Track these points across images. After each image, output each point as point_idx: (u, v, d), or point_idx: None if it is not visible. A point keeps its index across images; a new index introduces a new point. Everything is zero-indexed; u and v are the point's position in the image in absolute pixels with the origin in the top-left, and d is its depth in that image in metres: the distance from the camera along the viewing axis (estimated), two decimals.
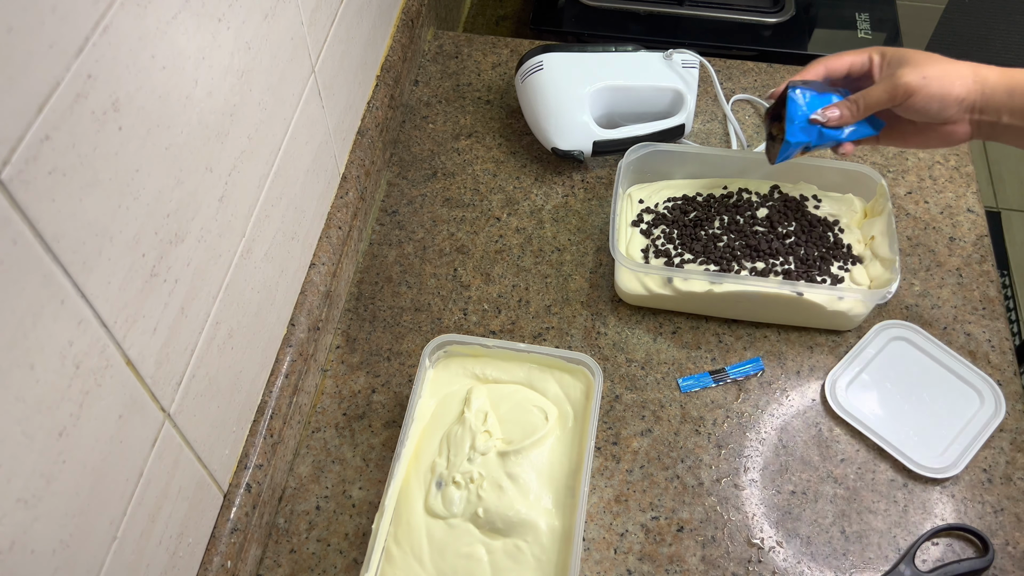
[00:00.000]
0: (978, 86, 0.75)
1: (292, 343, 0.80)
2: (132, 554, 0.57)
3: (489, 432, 0.79)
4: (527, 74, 1.03)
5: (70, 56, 0.43)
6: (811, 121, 0.82)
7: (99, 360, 0.49)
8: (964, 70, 0.76)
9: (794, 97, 0.82)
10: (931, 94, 0.76)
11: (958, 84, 0.75)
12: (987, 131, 0.78)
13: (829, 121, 0.82)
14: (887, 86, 0.78)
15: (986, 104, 0.76)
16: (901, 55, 0.78)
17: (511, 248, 0.99)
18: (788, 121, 0.82)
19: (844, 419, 0.85)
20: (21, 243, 0.41)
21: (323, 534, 0.79)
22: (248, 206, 0.67)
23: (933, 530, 0.79)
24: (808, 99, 0.82)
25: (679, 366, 0.90)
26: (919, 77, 0.76)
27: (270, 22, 0.66)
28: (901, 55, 0.78)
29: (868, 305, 0.88)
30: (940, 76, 0.75)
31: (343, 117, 0.90)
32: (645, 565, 0.78)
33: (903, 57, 0.78)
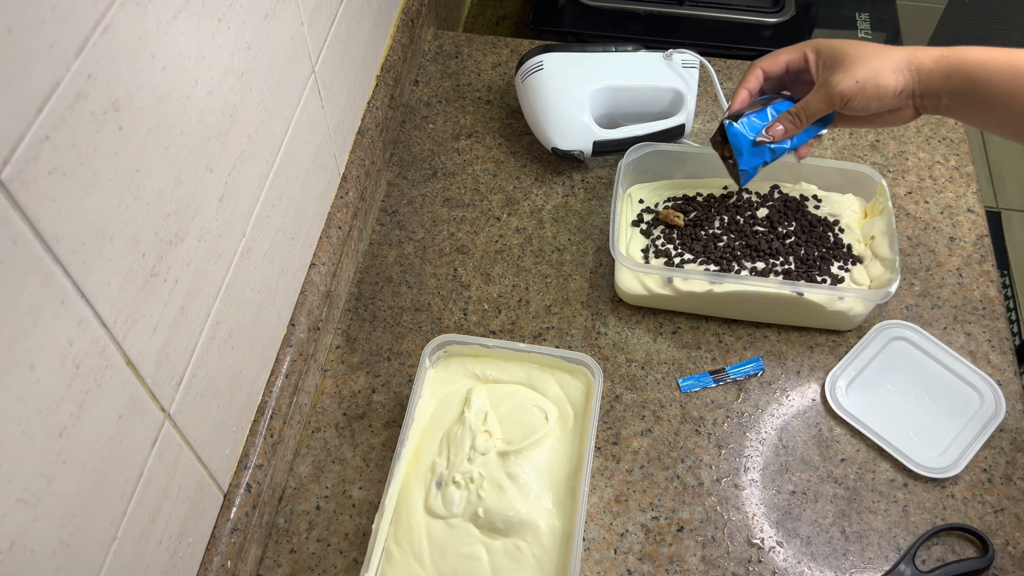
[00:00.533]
0: (913, 75, 0.76)
1: (292, 343, 0.80)
2: (132, 554, 0.57)
3: (489, 432, 0.79)
4: (527, 74, 1.03)
5: (70, 56, 0.43)
6: (757, 143, 0.83)
7: (99, 360, 0.49)
8: (898, 61, 0.76)
9: (733, 131, 0.83)
10: (868, 96, 0.76)
11: (892, 79, 0.76)
12: (932, 110, 0.78)
13: (775, 138, 0.83)
14: (823, 95, 0.79)
15: (924, 90, 0.76)
16: (835, 53, 0.78)
17: (511, 248, 0.99)
18: (736, 153, 0.84)
19: (844, 419, 0.85)
20: (21, 243, 0.41)
21: (323, 534, 0.79)
22: (248, 206, 0.67)
23: (933, 530, 0.79)
24: (748, 124, 0.83)
25: (679, 366, 0.90)
26: (852, 83, 0.76)
27: (270, 22, 0.66)
28: (835, 53, 0.78)
29: (868, 305, 0.88)
30: (873, 76, 0.76)
31: (343, 117, 0.90)
32: (645, 565, 0.78)
33: (836, 57, 0.78)
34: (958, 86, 0.74)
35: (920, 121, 1.10)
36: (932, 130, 1.09)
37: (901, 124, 0.82)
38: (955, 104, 0.76)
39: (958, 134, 1.09)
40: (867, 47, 0.77)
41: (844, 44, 0.79)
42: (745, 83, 0.84)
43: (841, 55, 0.78)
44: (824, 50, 0.80)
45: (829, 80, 0.78)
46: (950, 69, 0.75)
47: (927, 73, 0.75)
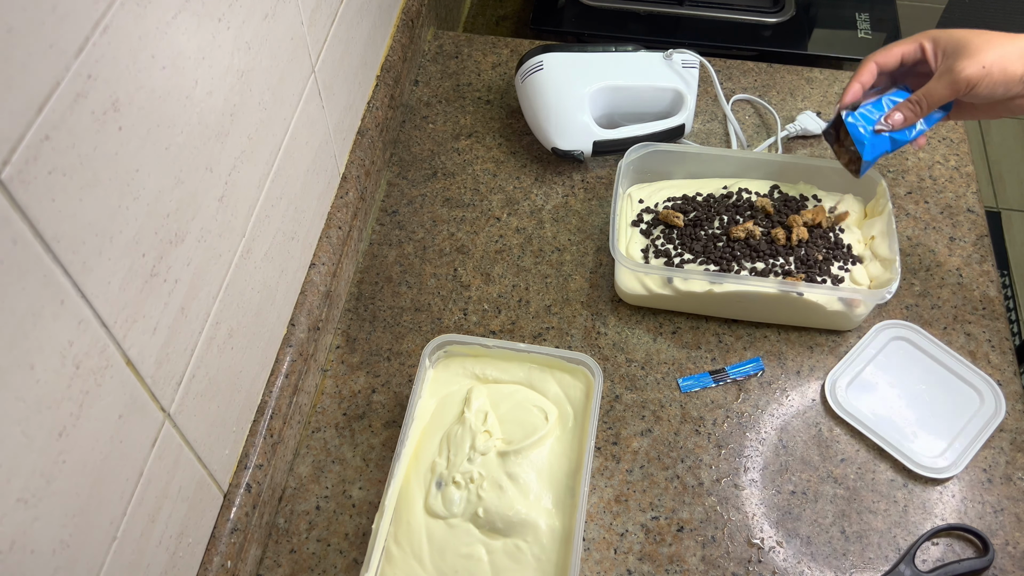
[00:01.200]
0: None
1: (292, 343, 0.80)
2: (132, 554, 0.57)
3: (489, 432, 0.79)
4: (527, 74, 1.03)
5: (70, 56, 0.43)
6: (877, 131, 0.82)
7: (99, 360, 0.49)
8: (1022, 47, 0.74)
9: (850, 122, 0.82)
10: (994, 82, 0.74)
11: (1019, 64, 0.73)
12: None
13: (895, 126, 0.81)
14: (948, 81, 0.76)
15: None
16: (955, 42, 0.76)
17: (511, 248, 0.99)
18: (857, 144, 0.83)
19: (844, 419, 0.85)
20: (21, 243, 0.41)
21: (323, 534, 0.79)
22: (248, 206, 0.67)
23: (933, 530, 0.79)
24: (865, 114, 0.82)
25: (679, 366, 0.90)
26: (978, 68, 0.74)
27: (270, 22, 0.66)
28: (955, 42, 0.76)
29: (868, 305, 0.88)
30: (1000, 60, 0.73)
31: (343, 117, 0.90)
32: (645, 565, 0.78)
33: (958, 44, 0.76)
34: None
35: None
36: (932, 130, 1.09)
37: (1021, 114, 0.80)
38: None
39: (958, 134, 1.09)
40: (990, 33, 0.75)
41: (965, 32, 0.77)
42: (858, 76, 0.82)
43: (963, 42, 0.75)
44: (943, 39, 0.78)
45: (953, 67, 0.75)
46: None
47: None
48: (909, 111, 0.80)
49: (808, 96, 1.13)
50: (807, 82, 1.15)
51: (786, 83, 1.15)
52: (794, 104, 1.12)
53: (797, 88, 1.14)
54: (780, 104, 1.12)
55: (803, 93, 1.14)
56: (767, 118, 1.11)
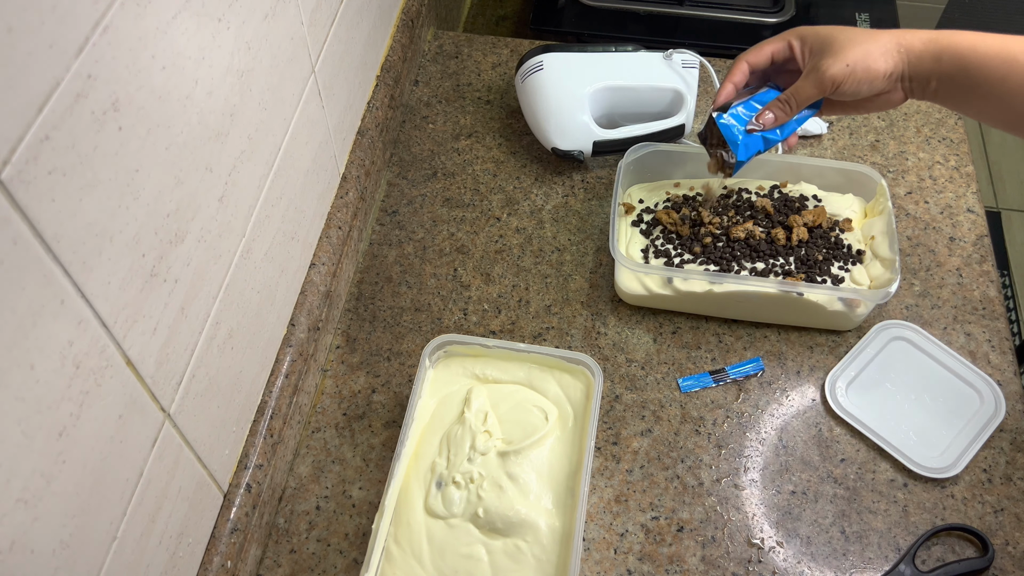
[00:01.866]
0: (903, 57, 0.75)
1: (292, 343, 0.80)
2: (132, 554, 0.57)
3: (489, 432, 0.79)
4: (527, 74, 1.03)
5: (70, 56, 0.43)
6: (749, 131, 0.82)
7: (99, 360, 0.49)
8: (887, 43, 0.75)
9: (722, 122, 0.83)
10: (858, 79, 0.76)
11: (882, 61, 0.75)
12: (920, 95, 0.77)
13: (766, 125, 0.82)
14: (814, 80, 0.78)
15: (914, 73, 0.75)
16: (822, 40, 0.77)
17: (511, 248, 0.99)
18: (732, 144, 0.83)
19: (844, 419, 0.85)
20: (21, 243, 0.41)
21: (323, 534, 0.79)
22: (248, 206, 0.67)
23: (933, 530, 0.79)
24: (737, 115, 0.82)
25: (679, 366, 0.90)
26: (843, 66, 0.75)
27: (270, 22, 0.66)
28: (822, 40, 0.77)
29: (868, 305, 0.88)
30: (863, 59, 0.75)
31: (343, 117, 0.90)
32: (645, 565, 0.78)
33: (824, 43, 0.77)
34: (948, 69, 0.74)
35: (920, 121, 1.10)
36: (932, 130, 1.09)
37: (889, 108, 0.81)
38: (944, 88, 0.75)
39: (958, 134, 1.09)
40: (854, 31, 0.77)
41: (830, 29, 0.78)
42: (730, 77, 0.83)
43: (829, 40, 0.77)
44: (810, 37, 0.79)
45: (819, 65, 0.77)
46: (940, 52, 0.74)
47: (917, 55, 0.75)
48: (779, 110, 0.81)
49: None
50: None
51: None
52: None
53: None
54: None
55: None
56: None
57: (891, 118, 1.11)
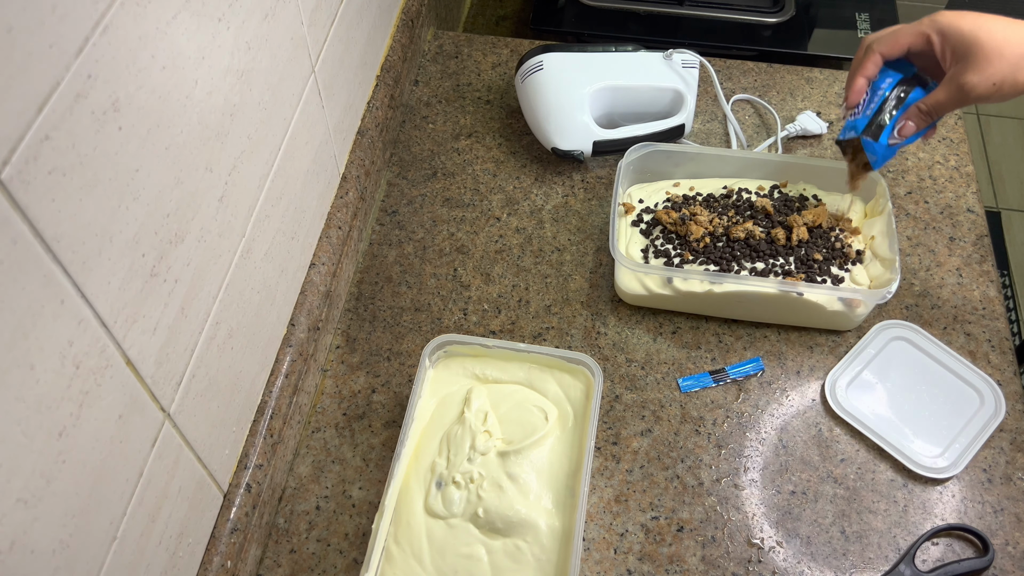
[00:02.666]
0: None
1: (292, 343, 0.80)
2: (132, 554, 0.57)
3: (489, 432, 0.79)
4: (527, 74, 1.03)
5: (70, 56, 0.43)
6: (891, 145, 0.82)
7: (99, 360, 0.49)
8: None
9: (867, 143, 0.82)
10: (1004, 95, 0.72)
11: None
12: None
13: (905, 136, 0.80)
14: (958, 97, 0.74)
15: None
16: (965, 44, 0.72)
17: (511, 248, 0.99)
18: (873, 161, 0.83)
19: (844, 419, 0.85)
20: (21, 243, 0.41)
21: (323, 534, 0.79)
22: (248, 206, 0.67)
23: (933, 530, 0.79)
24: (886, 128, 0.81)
25: (679, 366, 0.90)
26: (989, 86, 0.71)
27: (270, 22, 0.66)
28: (965, 44, 0.72)
29: (868, 305, 0.88)
30: (1012, 74, 0.70)
31: (343, 117, 0.90)
32: (645, 565, 0.78)
33: (967, 47, 0.72)
34: None
35: None
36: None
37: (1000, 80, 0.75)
38: None
39: (958, 134, 1.09)
40: (999, 33, 0.71)
41: (975, 30, 0.72)
42: (862, 70, 0.79)
43: (973, 44, 0.71)
44: (952, 36, 0.73)
45: (964, 82, 0.73)
46: None
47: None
48: (920, 120, 0.79)
49: (808, 96, 1.13)
50: (807, 82, 1.15)
51: (786, 83, 1.15)
52: (794, 104, 1.12)
53: (797, 88, 1.14)
54: (780, 104, 1.12)
55: (803, 93, 1.14)
56: (767, 118, 1.11)
57: None
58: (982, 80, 0.72)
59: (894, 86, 0.81)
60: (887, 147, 0.82)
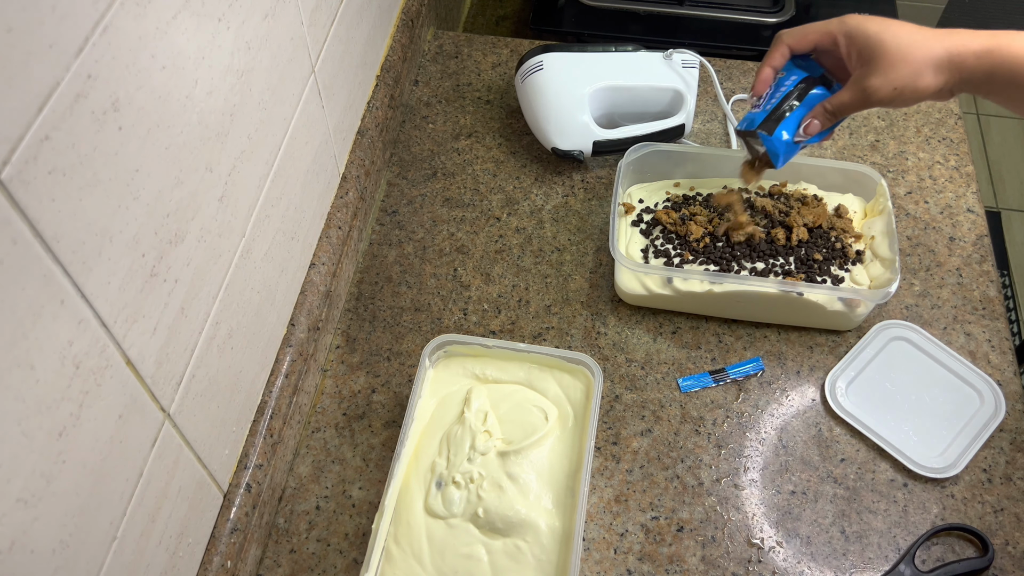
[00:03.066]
0: (954, 73, 0.72)
1: (292, 343, 0.80)
2: (132, 554, 0.57)
3: (489, 432, 0.79)
4: (527, 74, 1.03)
5: (70, 56, 0.43)
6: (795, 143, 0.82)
7: (99, 360, 0.49)
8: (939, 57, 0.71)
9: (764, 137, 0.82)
10: (904, 100, 0.74)
11: (931, 79, 0.72)
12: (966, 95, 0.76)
13: (810, 135, 0.81)
14: (860, 99, 0.75)
15: (963, 86, 0.72)
16: (870, 48, 0.73)
17: (511, 248, 0.99)
18: (773, 157, 0.83)
19: (844, 419, 0.85)
20: (21, 243, 0.41)
21: (323, 534, 0.79)
22: (248, 206, 0.67)
23: (933, 530, 0.79)
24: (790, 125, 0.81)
25: (679, 366, 0.90)
26: (890, 90, 0.73)
27: (270, 22, 0.66)
28: (870, 48, 0.73)
29: (868, 305, 0.88)
30: (912, 80, 0.72)
31: (343, 117, 0.90)
32: (645, 565, 0.78)
33: (873, 51, 0.73)
34: (1001, 84, 0.71)
35: (920, 121, 1.10)
36: (932, 130, 1.09)
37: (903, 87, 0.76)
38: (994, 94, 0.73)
39: (958, 134, 1.09)
40: (904, 38, 0.72)
41: (880, 34, 0.73)
42: (770, 60, 0.81)
43: (878, 49, 0.73)
44: (858, 39, 0.75)
45: (867, 85, 0.74)
46: (994, 68, 0.70)
47: (969, 70, 0.71)
48: (825, 119, 0.80)
49: None
50: None
51: None
52: None
53: None
54: None
55: None
56: None
57: (891, 118, 1.11)
58: (884, 84, 0.73)
59: (798, 83, 0.82)
60: (789, 144, 0.82)
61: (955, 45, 0.72)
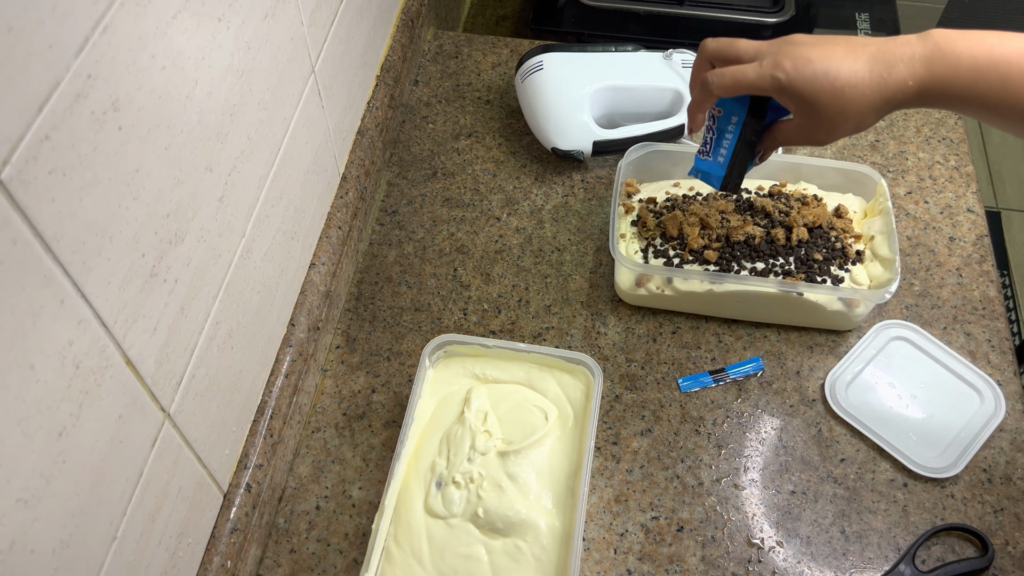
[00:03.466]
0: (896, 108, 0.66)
1: (292, 343, 0.80)
2: (132, 554, 0.57)
3: (489, 432, 0.79)
4: (527, 74, 1.03)
5: (70, 56, 0.43)
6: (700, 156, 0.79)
7: (99, 360, 0.49)
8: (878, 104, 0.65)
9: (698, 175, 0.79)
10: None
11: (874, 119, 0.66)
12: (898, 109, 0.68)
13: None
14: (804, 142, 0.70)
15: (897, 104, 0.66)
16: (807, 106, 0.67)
17: (511, 248, 0.99)
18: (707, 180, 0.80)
19: (844, 419, 0.85)
20: (21, 243, 0.41)
21: (323, 534, 0.79)
22: (248, 206, 0.67)
23: (933, 530, 0.79)
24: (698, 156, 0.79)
25: (679, 366, 0.90)
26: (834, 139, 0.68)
27: (270, 22, 0.66)
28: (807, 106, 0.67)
29: (868, 305, 0.88)
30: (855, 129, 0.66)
31: (343, 117, 0.90)
32: (645, 565, 0.78)
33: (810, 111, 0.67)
34: (944, 102, 0.65)
35: (920, 121, 1.10)
36: (932, 130, 1.09)
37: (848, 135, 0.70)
38: (936, 106, 0.67)
39: (958, 134, 1.09)
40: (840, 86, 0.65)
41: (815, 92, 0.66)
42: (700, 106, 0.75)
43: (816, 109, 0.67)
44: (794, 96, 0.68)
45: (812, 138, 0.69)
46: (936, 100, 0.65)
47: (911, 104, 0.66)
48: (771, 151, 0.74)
49: None
50: None
51: None
52: None
53: None
54: None
55: None
56: None
57: (891, 118, 1.11)
58: (829, 136, 0.69)
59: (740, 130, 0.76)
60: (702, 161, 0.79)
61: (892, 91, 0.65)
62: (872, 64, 0.65)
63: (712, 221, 0.91)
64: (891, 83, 0.65)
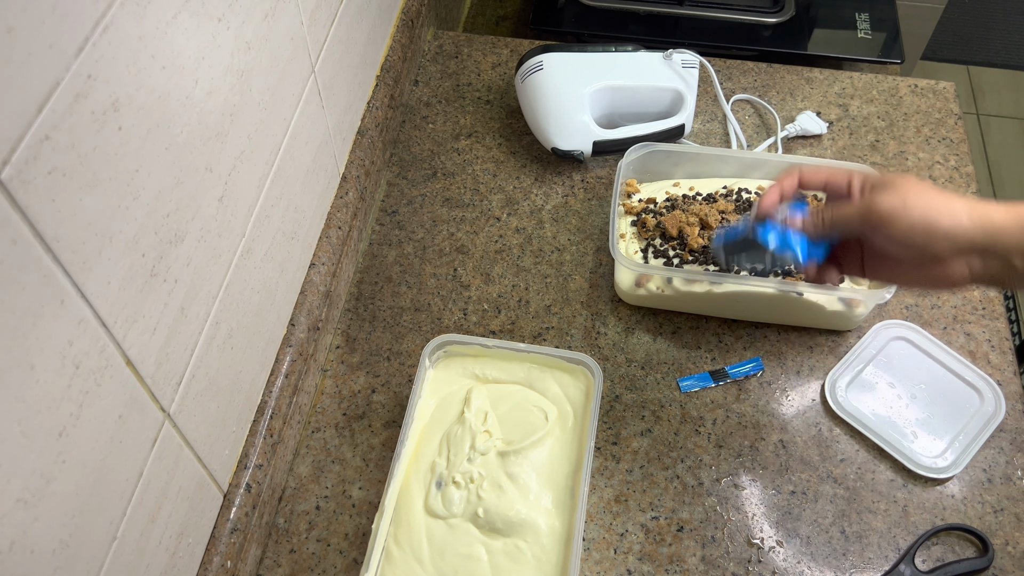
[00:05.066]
0: (976, 223, 0.64)
1: (292, 343, 0.80)
2: (132, 554, 0.57)
3: (489, 432, 0.79)
4: (527, 74, 1.03)
5: (70, 56, 0.43)
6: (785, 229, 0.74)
7: (99, 360, 0.49)
8: (956, 204, 0.65)
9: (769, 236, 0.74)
10: (912, 222, 0.64)
11: (946, 217, 0.64)
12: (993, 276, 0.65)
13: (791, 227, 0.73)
14: (859, 207, 0.68)
15: (992, 243, 0.64)
16: (884, 180, 0.67)
17: (511, 248, 0.99)
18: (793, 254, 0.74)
19: (844, 419, 0.85)
20: (21, 243, 0.41)
21: (323, 534, 0.79)
22: (248, 206, 0.67)
23: (933, 530, 0.79)
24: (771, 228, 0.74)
25: (679, 366, 0.90)
26: (898, 201, 0.65)
27: (270, 22, 0.66)
28: (884, 180, 0.67)
29: (868, 305, 0.88)
30: (923, 204, 0.64)
31: (343, 117, 0.90)
32: (645, 565, 0.78)
33: (885, 182, 0.67)
34: None
35: (920, 120, 1.10)
36: (932, 130, 1.09)
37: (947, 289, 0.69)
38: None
39: (958, 134, 1.09)
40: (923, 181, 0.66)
41: (899, 175, 0.68)
42: (780, 183, 0.75)
43: (892, 181, 0.67)
44: (872, 177, 0.69)
45: (872, 197, 0.67)
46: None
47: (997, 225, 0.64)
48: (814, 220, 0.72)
49: (808, 96, 1.13)
50: (807, 82, 1.15)
51: (786, 83, 1.15)
52: (794, 104, 1.12)
53: (797, 88, 1.14)
54: (780, 104, 1.12)
55: (803, 93, 1.14)
56: (767, 118, 1.11)
57: (891, 118, 1.11)
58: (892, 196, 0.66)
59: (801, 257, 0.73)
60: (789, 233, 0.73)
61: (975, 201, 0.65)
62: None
63: (712, 221, 0.91)
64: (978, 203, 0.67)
